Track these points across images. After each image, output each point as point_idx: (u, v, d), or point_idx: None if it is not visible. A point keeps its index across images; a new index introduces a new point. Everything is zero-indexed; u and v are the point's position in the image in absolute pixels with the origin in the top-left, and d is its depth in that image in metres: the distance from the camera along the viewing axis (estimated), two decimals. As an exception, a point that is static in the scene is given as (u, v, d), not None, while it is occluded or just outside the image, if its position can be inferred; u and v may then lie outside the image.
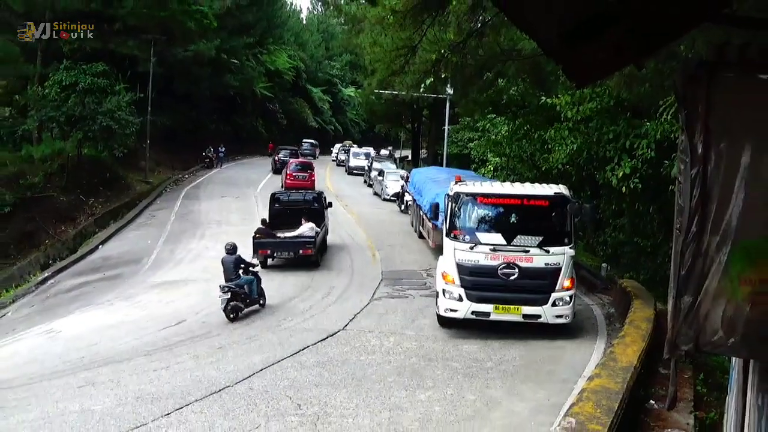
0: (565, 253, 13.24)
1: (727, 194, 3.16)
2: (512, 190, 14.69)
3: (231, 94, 56.49)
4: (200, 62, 48.08)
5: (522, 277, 13.12)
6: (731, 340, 3.17)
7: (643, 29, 3.78)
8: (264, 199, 35.49)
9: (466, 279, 13.43)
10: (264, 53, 63.87)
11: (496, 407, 9.61)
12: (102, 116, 34.06)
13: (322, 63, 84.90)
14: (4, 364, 13.78)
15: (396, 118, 61.02)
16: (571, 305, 13.26)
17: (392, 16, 22.18)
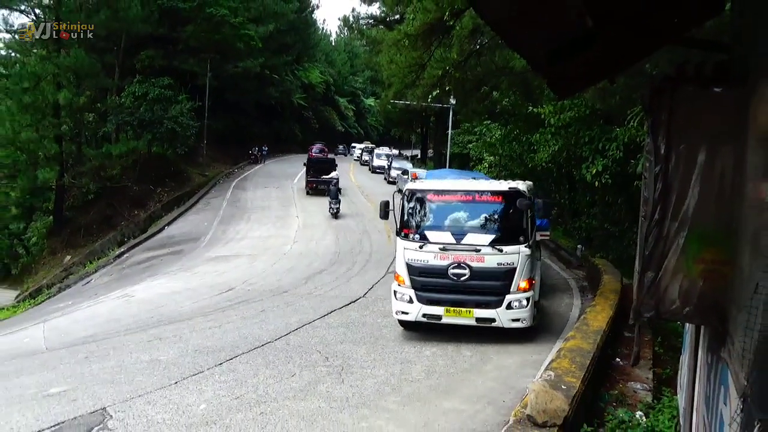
0: (520, 252, 10.31)
1: (685, 188, 3.15)
2: (464, 185, 11.73)
3: (272, 103, 56.48)
4: (247, 76, 48.09)
5: (473, 277, 10.34)
6: (686, 309, 3.16)
7: (615, 51, 3.74)
8: (299, 190, 35.56)
9: (416, 280, 10.69)
10: (300, 69, 63.80)
11: (489, 362, 9.60)
12: (168, 121, 34.31)
13: (348, 78, 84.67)
14: (89, 322, 13.93)
15: (408, 124, 60.74)
16: (528, 308, 10.32)
17: (406, 39, 22.10)
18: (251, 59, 46.62)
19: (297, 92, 61.52)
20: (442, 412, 7.40)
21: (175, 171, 38.60)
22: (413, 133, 69.04)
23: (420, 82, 23.98)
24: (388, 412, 7.48)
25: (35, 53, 34.82)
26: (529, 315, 10.36)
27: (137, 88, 34.92)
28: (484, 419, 7.11)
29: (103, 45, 36.19)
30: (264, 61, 49.22)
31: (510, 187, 10.75)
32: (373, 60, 43.51)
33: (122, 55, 36.41)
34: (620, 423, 6.40)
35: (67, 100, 31.55)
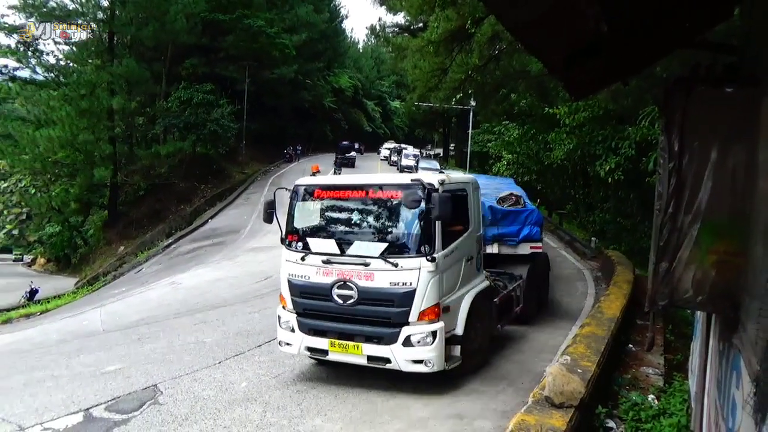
0: (421, 267, 6.91)
1: (698, 183, 3.09)
2: (359, 179, 7.99)
3: (305, 106, 56.70)
4: (282, 82, 48.36)
5: (362, 301, 7.08)
6: (700, 297, 3.10)
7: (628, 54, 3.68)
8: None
9: (298, 302, 7.56)
10: (330, 75, 63.94)
11: (507, 346, 9.53)
12: (210, 123, 34.76)
13: (375, 82, 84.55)
14: (141, 307, 14.21)
15: (431, 124, 60.62)
16: (435, 346, 6.90)
17: (429, 46, 22.01)
18: (286, 66, 46.86)
19: (328, 96, 61.67)
20: (464, 392, 7.38)
21: (217, 169, 39.07)
22: (436, 133, 68.80)
23: (442, 86, 23.90)
24: (414, 389, 7.49)
25: (91, 63, 35.51)
26: (437, 355, 6.92)
27: (182, 94, 35.39)
28: (505, 399, 7.08)
29: (151, 54, 36.74)
30: (298, 67, 49.42)
31: (413, 180, 7.20)
32: (398, 65, 43.36)
33: (169, 64, 36.89)
34: (633, 405, 6.31)
35: (120, 105, 32.17)
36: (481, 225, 8.75)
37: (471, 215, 8.23)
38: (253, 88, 43.70)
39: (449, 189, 7.42)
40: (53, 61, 36.61)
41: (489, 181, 17.25)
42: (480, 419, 6.49)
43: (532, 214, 11.17)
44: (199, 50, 39.04)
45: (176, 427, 6.37)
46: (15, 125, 33.00)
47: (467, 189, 8.28)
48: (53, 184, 35.55)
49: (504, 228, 10.99)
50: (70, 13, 33.76)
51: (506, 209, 11.17)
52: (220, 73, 40.73)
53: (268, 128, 49.68)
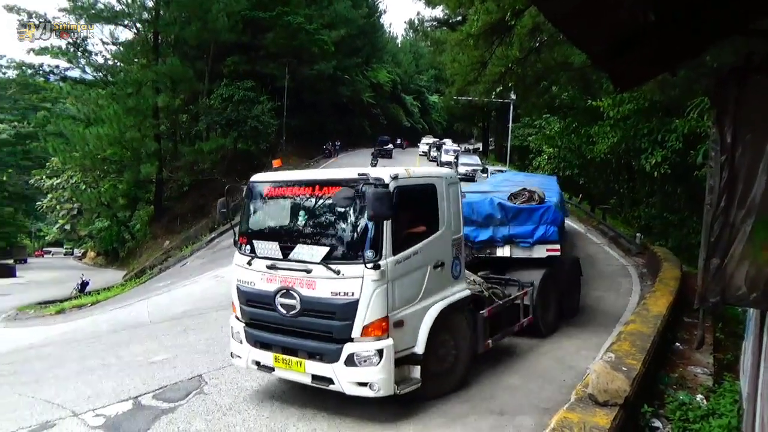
0: (364, 275, 6.00)
1: (751, 176, 2.97)
2: (311, 175, 7.47)
3: (344, 101, 56.96)
4: (321, 78, 48.67)
5: (304, 311, 6.30)
6: (753, 294, 2.99)
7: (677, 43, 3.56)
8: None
9: (245, 310, 6.88)
10: (369, 70, 64.03)
11: (547, 342, 9.40)
12: (251, 120, 35.33)
13: (413, 77, 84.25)
14: (186, 299, 14.57)
15: (470, 118, 60.07)
16: (381, 366, 5.99)
17: (468, 39, 21.81)
18: (325, 62, 47.16)
19: (366, 91, 61.79)
20: (503, 388, 7.32)
21: (257, 165, 39.55)
22: (475, 127, 68.15)
23: (482, 79, 23.63)
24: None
25: (137, 62, 36.56)
26: (384, 378, 6.01)
27: (224, 91, 36.06)
28: (546, 396, 6.99)
29: (194, 53, 37.53)
30: (336, 63, 49.66)
31: (360, 174, 6.26)
32: (437, 59, 43.22)
33: (211, 62, 37.62)
34: (680, 405, 6.14)
35: (165, 103, 33.05)
36: (460, 226, 7.47)
37: (442, 215, 7.04)
38: (292, 85, 44.16)
39: (407, 185, 6.51)
40: (101, 61, 37.92)
41: (527, 178, 16.64)
42: (521, 415, 6.43)
43: (548, 212, 9.72)
44: (240, 48, 39.65)
45: (220, 416, 6.54)
46: (66, 124, 34.36)
47: (438, 185, 7.07)
48: (102, 180, 36.78)
49: (516, 228, 9.76)
50: (117, 14, 34.85)
51: (518, 207, 9.88)
52: (260, 70, 41.28)
53: (308, 124, 50.11)
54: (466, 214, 9.45)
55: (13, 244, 50.94)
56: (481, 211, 9.96)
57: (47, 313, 15.44)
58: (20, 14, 34.23)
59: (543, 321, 9.51)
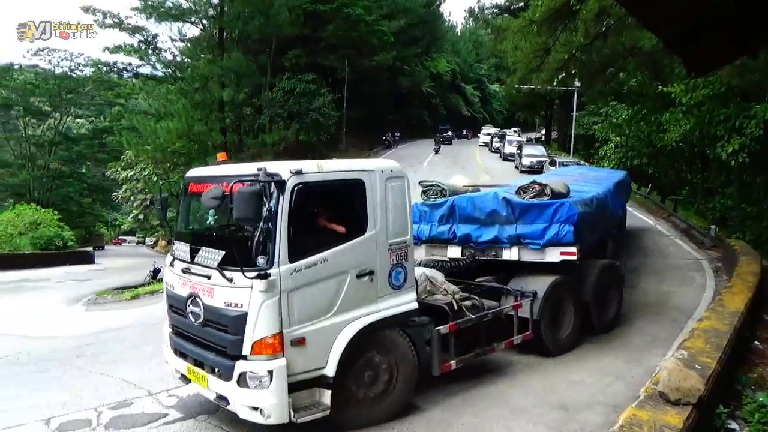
0: (253, 285, 5.24)
1: None
2: (222, 170, 6.25)
3: (403, 92, 56.91)
4: (381, 69, 48.77)
5: (207, 321, 5.73)
6: None
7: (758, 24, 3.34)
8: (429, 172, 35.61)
9: (170, 315, 6.45)
10: (428, 60, 63.64)
11: (615, 338, 9.12)
12: (312, 112, 35.91)
13: (473, 65, 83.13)
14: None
15: (532, 107, 58.57)
16: (272, 389, 5.24)
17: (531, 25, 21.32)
18: (384, 53, 47.20)
19: (426, 81, 61.48)
20: (567, 383, 7.17)
21: (318, 156, 40.20)
22: (537, 116, 66.51)
23: (545, 67, 23.07)
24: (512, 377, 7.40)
25: (203, 58, 37.75)
26: (275, 404, 5.27)
27: (286, 84, 36.73)
28: (612, 393, 6.80)
29: (257, 47, 38.35)
30: (396, 54, 49.63)
31: (259, 170, 5.43)
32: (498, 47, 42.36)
33: (273, 55, 38.32)
34: (760, 407, 5.81)
35: (230, 97, 34.02)
36: (406, 228, 6.39)
37: (372, 215, 6.06)
38: (352, 76, 44.49)
39: (316, 181, 5.73)
40: (170, 58, 39.37)
41: (594, 172, 15.21)
42: (586, 412, 6.30)
43: (563, 209, 8.19)
44: (301, 41, 40.21)
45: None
46: (138, 118, 35.97)
47: (367, 180, 6.09)
48: (172, 172, 38.22)
49: (524, 227, 8.38)
50: (184, 12, 36.03)
51: (526, 202, 8.48)
52: (320, 62, 41.74)
53: (367, 115, 50.39)
54: (468, 211, 8.81)
55: (92, 232, 54.00)
56: (484, 207, 8.68)
57: (123, 299, 16.28)
58: (95, 14, 35.94)
59: (550, 338, 8.19)
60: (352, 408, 5.87)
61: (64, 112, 47.92)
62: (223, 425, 6.19)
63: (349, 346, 5.67)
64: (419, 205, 9.52)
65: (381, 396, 6.07)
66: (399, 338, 6.21)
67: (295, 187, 5.47)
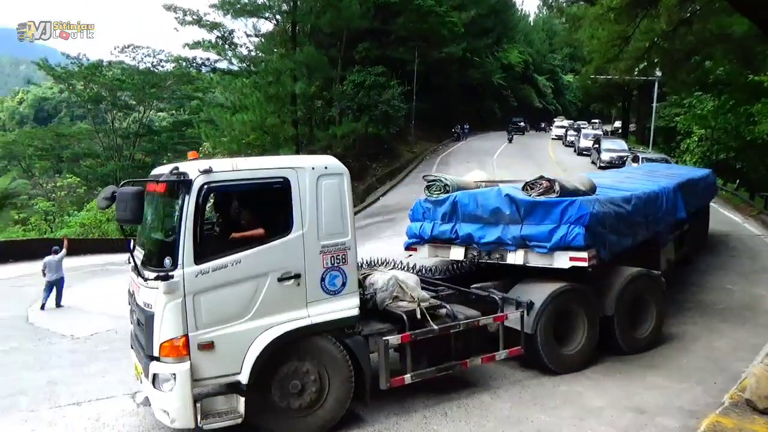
0: (159, 287, 5.19)
1: None
2: (160, 170, 6.19)
3: (473, 84, 56.16)
4: (450, 61, 48.27)
5: (137, 319, 5.93)
6: None
7: None
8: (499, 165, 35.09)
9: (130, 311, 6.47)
10: (499, 51, 62.51)
11: (696, 341, 8.68)
12: (381, 104, 36.11)
13: (546, 56, 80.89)
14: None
15: (608, 98, 56.40)
16: (175, 393, 5.19)
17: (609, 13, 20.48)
18: (454, 44, 46.70)
19: (497, 72, 60.40)
20: (644, 386, 6.90)
21: (387, 148, 40.50)
22: (614, 108, 63.93)
23: (623, 56, 22.13)
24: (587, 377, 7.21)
25: (276, 52, 38.69)
26: (179, 408, 5.23)
27: (356, 77, 37.06)
28: (692, 398, 6.50)
29: (328, 41, 38.90)
30: (466, 45, 49.00)
31: (173, 171, 5.46)
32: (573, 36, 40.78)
33: (344, 49, 38.72)
34: None
35: (302, 90, 34.68)
36: (345, 228, 5.98)
37: (299, 215, 5.73)
38: (421, 68, 44.33)
39: (229, 180, 5.59)
40: (245, 53, 40.64)
41: (673, 170, 13.75)
42: (663, 416, 6.05)
43: (572, 208, 7.21)
44: (371, 34, 40.40)
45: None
46: (215, 111, 37.43)
47: (293, 178, 5.76)
48: (246, 163, 39.63)
49: (530, 227, 7.50)
50: (259, 8, 37.05)
51: (531, 200, 7.56)
52: (390, 55, 41.79)
53: (436, 107, 50.10)
54: (470, 209, 8.12)
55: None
56: (487, 204, 7.90)
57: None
58: (176, 12, 37.61)
59: (552, 355, 7.30)
60: (277, 419, 5.62)
61: (147, 106, 50.52)
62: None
63: (266, 353, 5.44)
64: (422, 202, 9.15)
65: (309, 408, 5.76)
66: (331, 347, 5.82)
67: (203, 186, 5.33)
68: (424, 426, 6.09)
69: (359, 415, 6.24)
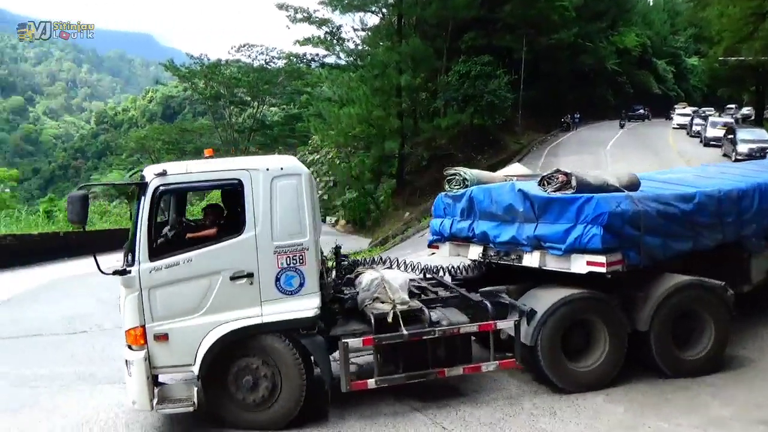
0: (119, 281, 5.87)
1: None
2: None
3: (585, 70, 53.65)
4: (560, 47, 46.47)
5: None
6: None
7: None
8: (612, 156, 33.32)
9: None
10: (614, 34, 59.15)
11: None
12: (487, 95, 35.48)
13: (667, 38, 75.32)
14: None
15: (739, 82, 51.47)
16: (133, 378, 5.74)
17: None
18: (565, 30, 44.90)
19: (611, 57, 57.18)
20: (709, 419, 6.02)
21: (492, 139, 39.84)
22: (746, 92, 58.30)
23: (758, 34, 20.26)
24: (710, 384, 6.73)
25: (382, 45, 39.24)
26: (137, 392, 5.67)
27: (462, 67, 36.70)
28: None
29: (434, 32, 38.86)
30: (578, 30, 46.92)
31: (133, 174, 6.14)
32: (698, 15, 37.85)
33: (449, 39, 38.50)
34: None
35: (407, 83, 34.96)
36: (303, 229, 5.95)
37: (251, 216, 5.84)
38: (529, 56, 43.11)
39: (183, 182, 5.92)
40: (352, 47, 41.63)
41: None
42: (801, 432, 5.51)
43: (588, 206, 6.39)
44: (478, 23, 39.78)
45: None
46: (323, 105, 38.81)
47: (247, 180, 5.87)
48: (352, 155, 40.60)
49: (545, 227, 6.76)
50: (366, 2, 37.75)
51: (545, 196, 6.79)
52: (496, 44, 40.93)
53: (544, 96, 48.43)
54: (485, 205, 7.52)
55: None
56: (501, 200, 7.26)
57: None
58: (288, 10, 39.26)
59: (558, 371, 6.61)
60: (235, 412, 5.92)
61: (261, 102, 53.32)
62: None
63: (216, 348, 5.70)
64: (443, 197, 8.65)
65: (264, 404, 5.94)
66: (282, 346, 5.90)
67: (157, 188, 5.67)
68: (532, 423, 5.97)
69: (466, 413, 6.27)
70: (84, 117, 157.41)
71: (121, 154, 67.94)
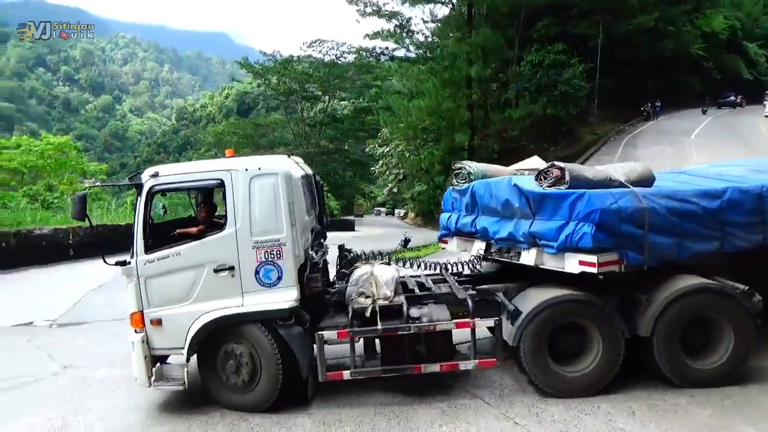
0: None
1: None
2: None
3: (666, 56, 50.85)
4: (639, 33, 44.25)
5: None
6: None
7: None
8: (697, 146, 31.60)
9: None
10: (699, 17, 55.66)
11: None
12: (561, 84, 34.41)
13: (759, 19, 70.09)
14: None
15: None
16: (134, 357, 6.48)
17: None
18: (644, 14, 42.69)
19: (695, 42, 53.80)
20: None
21: (566, 130, 38.65)
22: None
23: None
24: None
25: (451, 36, 38.84)
26: (138, 370, 6.38)
27: (534, 57, 35.77)
28: None
29: (505, 21, 38.11)
30: (658, 14, 44.49)
31: (130, 176, 6.81)
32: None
33: (521, 28, 37.66)
34: None
35: (477, 74, 34.51)
36: (281, 226, 6.26)
37: (232, 213, 6.30)
38: (605, 43, 41.32)
39: (172, 182, 6.47)
40: (422, 39, 41.47)
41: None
42: None
43: (580, 203, 6.09)
44: (551, 10, 38.63)
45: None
46: (393, 98, 38.89)
47: (228, 179, 6.30)
48: (422, 148, 40.56)
49: (540, 223, 6.51)
50: (436, -6, 37.48)
51: (539, 191, 6.51)
52: (571, 31, 39.58)
53: (622, 84, 46.34)
54: (485, 200, 7.42)
55: (352, 203, 60.43)
56: (499, 195, 7.06)
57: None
58: (358, 5, 39.57)
59: (543, 374, 6.46)
60: (222, 392, 6.50)
61: (331, 96, 54.21)
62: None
63: (202, 334, 6.27)
64: (451, 192, 8.59)
65: (247, 387, 6.44)
66: (261, 335, 6.32)
67: (151, 188, 6.31)
68: (609, 423, 5.82)
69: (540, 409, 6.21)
70: (166, 114, 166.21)
71: (200, 149, 71.15)
